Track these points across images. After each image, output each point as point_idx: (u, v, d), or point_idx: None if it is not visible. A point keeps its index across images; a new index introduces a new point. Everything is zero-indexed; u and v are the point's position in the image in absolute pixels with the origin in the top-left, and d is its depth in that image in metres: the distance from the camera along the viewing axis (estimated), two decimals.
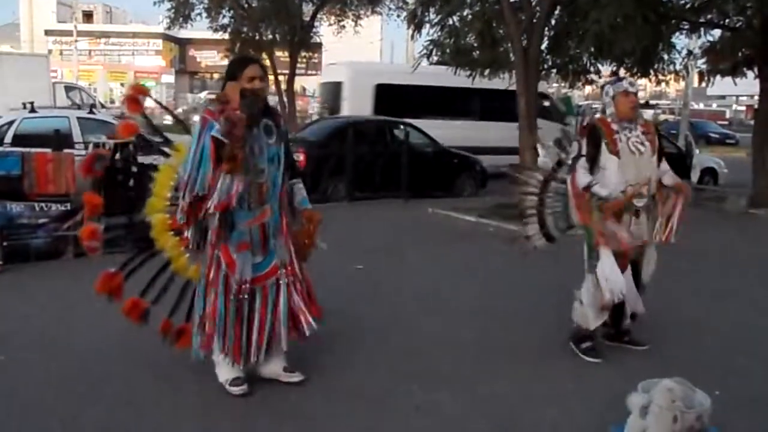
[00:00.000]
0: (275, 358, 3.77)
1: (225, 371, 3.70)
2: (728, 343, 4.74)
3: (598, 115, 4.40)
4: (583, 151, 4.27)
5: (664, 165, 4.38)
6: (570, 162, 4.34)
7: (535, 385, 3.98)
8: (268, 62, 21.12)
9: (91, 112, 11.11)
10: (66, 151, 7.50)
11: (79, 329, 4.74)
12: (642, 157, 4.21)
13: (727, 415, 3.31)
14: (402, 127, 12.10)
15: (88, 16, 53.98)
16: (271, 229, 3.61)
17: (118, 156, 7.10)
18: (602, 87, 4.43)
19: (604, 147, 4.19)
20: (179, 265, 3.90)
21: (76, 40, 39.82)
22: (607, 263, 4.13)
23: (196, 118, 5.32)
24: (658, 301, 4.52)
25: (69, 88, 23.89)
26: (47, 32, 49.37)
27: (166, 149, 4.03)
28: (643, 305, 4.41)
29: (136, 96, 3.90)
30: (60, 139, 7.84)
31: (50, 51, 40.82)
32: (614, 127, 4.22)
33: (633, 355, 4.38)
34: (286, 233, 3.68)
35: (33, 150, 7.10)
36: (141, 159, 6.46)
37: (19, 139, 9.08)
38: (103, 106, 23.40)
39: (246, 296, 3.54)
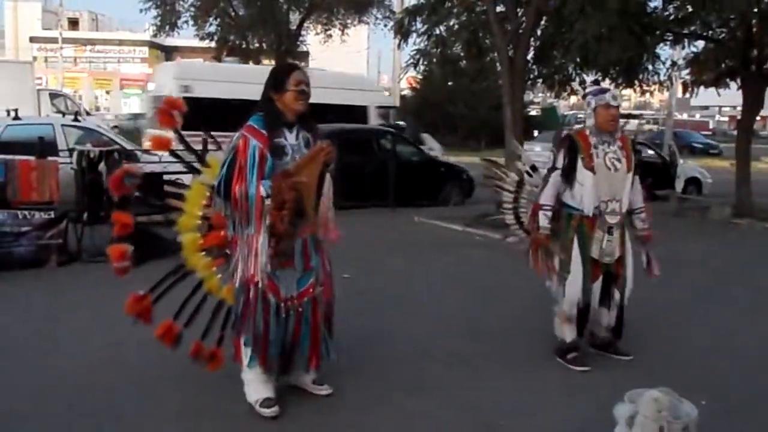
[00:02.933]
0: (307, 369, 3.72)
1: (255, 391, 3.56)
2: (714, 352, 4.76)
3: (576, 128, 4.41)
4: (558, 164, 4.25)
5: (637, 185, 4.38)
6: (544, 173, 4.36)
7: (522, 394, 3.97)
8: None
9: (75, 119, 11.01)
10: (50, 158, 7.44)
11: (62, 339, 4.68)
12: (617, 174, 4.19)
13: (714, 426, 3.31)
14: (389, 136, 12.11)
15: (73, 23, 53.70)
16: (312, 245, 3.52)
17: (103, 164, 7.15)
18: (584, 96, 4.42)
19: (579, 162, 4.16)
20: (212, 286, 3.78)
21: (61, 47, 39.55)
22: (573, 274, 4.17)
23: None
24: (643, 310, 4.54)
25: (54, 96, 23.71)
26: (32, 39, 49.04)
27: (197, 165, 3.91)
28: (623, 318, 4.38)
29: (169, 110, 3.75)
30: (44, 147, 7.77)
31: (35, 58, 40.62)
32: (592, 140, 4.19)
33: (619, 365, 4.39)
34: (322, 249, 3.60)
35: (17, 157, 7.02)
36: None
37: (3, 147, 8.98)
38: (88, 114, 23.26)
39: (293, 312, 3.46)
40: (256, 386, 3.57)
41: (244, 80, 10.84)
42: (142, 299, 3.72)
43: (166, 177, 4.95)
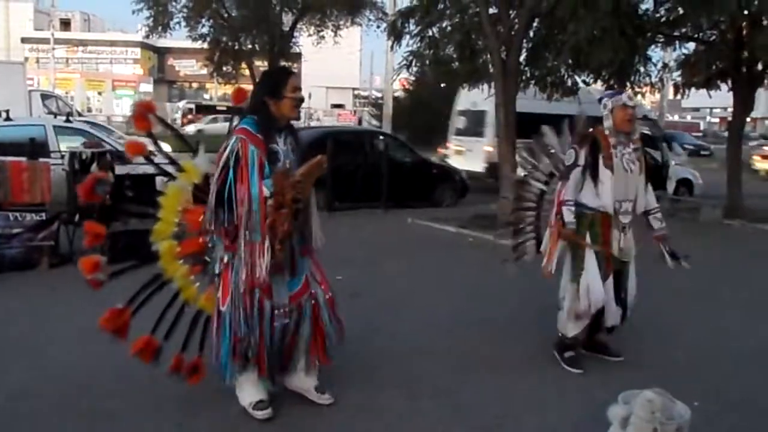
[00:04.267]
0: (308, 372, 3.68)
1: (248, 394, 3.53)
2: (707, 353, 4.78)
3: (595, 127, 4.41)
4: (580, 161, 4.24)
5: (649, 187, 4.43)
6: (563, 169, 4.35)
7: (516, 395, 3.98)
8: (247, 71, 21.09)
9: (67, 120, 10.97)
10: (41, 160, 7.40)
11: (54, 340, 4.66)
12: (632, 175, 4.25)
13: (707, 427, 3.33)
14: (381, 137, 12.11)
15: (65, 24, 53.59)
16: (297, 249, 3.50)
17: (95, 166, 7.13)
18: (599, 99, 4.42)
19: (600, 160, 4.19)
20: (189, 295, 3.67)
21: (53, 48, 39.44)
22: (591, 273, 4.17)
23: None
24: (636, 312, 4.55)
25: (45, 96, 23.60)
26: (24, 40, 48.89)
27: (171, 171, 3.82)
28: (626, 317, 4.43)
29: (144, 113, 3.66)
30: (35, 148, 7.73)
31: (26, 59, 40.40)
32: (611, 140, 4.23)
33: (614, 366, 4.40)
34: (311, 251, 3.61)
35: (8, 158, 6.98)
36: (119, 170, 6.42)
37: None
38: (80, 115, 23.13)
39: (290, 317, 3.45)
40: (249, 389, 3.55)
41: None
42: (120, 313, 3.57)
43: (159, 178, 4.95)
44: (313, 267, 3.62)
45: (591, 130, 4.34)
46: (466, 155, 15.06)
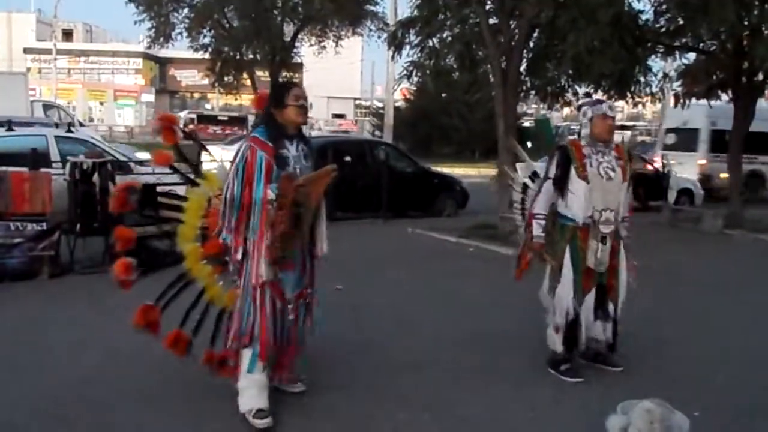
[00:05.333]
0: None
1: (248, 401, 3.58)
2: (706, 362, 4.77)
3: (569, 138, 4.47)
4: (551, 174, 4.29)
5: (629, 196, 4.42)
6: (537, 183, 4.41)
7: (515, 407, 3.97)
8: (248, 82, 21.15)
9: (69, 130, 10.99)
10: (43, 170, 7.42)
11: (55, 350, 4.65)
12: (611, 183, 4.21)
13: None
14: (382, 147, 12.13)
15: (67, 35, 53.79)
16: (307, 253, 3.69)
17: (96, 175, 7.15)
18: (579, 107, 4.47)
19: (573, 171, 4.20)
20: (213, 294, 3.90)
21: (55, 59, 39.60)
22: (565, 286, 4.20)
23: None
24: (635, 321, 4.55)
25: (47, 107, 23.69)
26: (26, 50, 49.11)
27: (195, 178, 4.02)
28: (617, 331, 4.41)
29: (170, 126, 3.92)
30: (37, 158, 7.76)
31: (29, 69, 40.59)
32: (585, 151, 4.23)
33: (612, 376, 4.39)
34: (316, 256, 3.76)
35: (9, 169, 7.00)
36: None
37: None
38: (81, 125, 23.20)
39: (298, 311, 3.64)
40: (251, 395, 3.59)
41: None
42: (150, 310, 3.81)
43: (160, 189, 5.00)
44: (311, 274, 3.80)
45: (563, 142, 4.39)
46: (676, 168, 15.46)
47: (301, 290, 3.68)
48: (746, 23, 10.17)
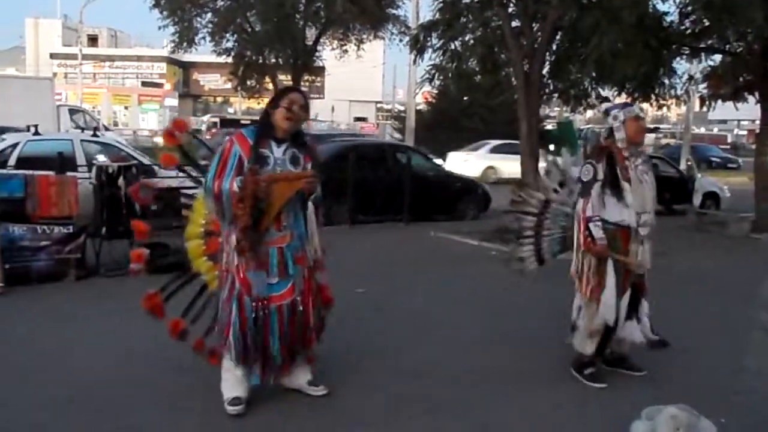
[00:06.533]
0: (299, 369, 3.91)
1: (227, 389, 3.74)
2: (732, 368, 4.69)
3: (604, 141, 4.37)
4: (599, 176, 4.17)
5: None
6: (581, 186, 4.26)
7: (538, 411, 3.94)
8: (271, 86, 21.27)
9: (94, 134, 11.13)
10: (69, 173, 7.52)
11: (80, 352, 4.71)
12: (646, 185, 4.21)
13: None
14: (404, 150, 12.13)
15: (93, 40, 54.45)
16: (290, 255, 3.68)
17: (121, 179, 7.24)
18: (605, 111, 4.38)
19: (618, 173, 4.14)
20: (215, 288, 4.03)
21: (80, 64, 40.07)
22: (609, 290, 4.13)
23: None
24: (660, 326, 4.49)
25: (73, 111, 24.03)
26: (52, 56, 49.81)
27: (201, 179, 4.12)
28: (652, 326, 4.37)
29: (173, 130, 4.18)
30: (63, 162, 7.87)
31: (55, 74, 41.14)
32: (625, 153, 4.19)
33: (636, 381, 4.35)
34: (303, 261, 3.74)
35: (36, 172, 7.11)
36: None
37: (23, 162, 9.10)
38: (106, 129, 23.51)
39: (263, 313, 3.63)
40: (227, 385, 3.74)
41: None
42: (153, 296, 4.04)
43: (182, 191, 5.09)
44: (305, 278, 3.76)
45: (603, 143, 4.31)
46: None
47: (280, 293, 3.65)
48: None
